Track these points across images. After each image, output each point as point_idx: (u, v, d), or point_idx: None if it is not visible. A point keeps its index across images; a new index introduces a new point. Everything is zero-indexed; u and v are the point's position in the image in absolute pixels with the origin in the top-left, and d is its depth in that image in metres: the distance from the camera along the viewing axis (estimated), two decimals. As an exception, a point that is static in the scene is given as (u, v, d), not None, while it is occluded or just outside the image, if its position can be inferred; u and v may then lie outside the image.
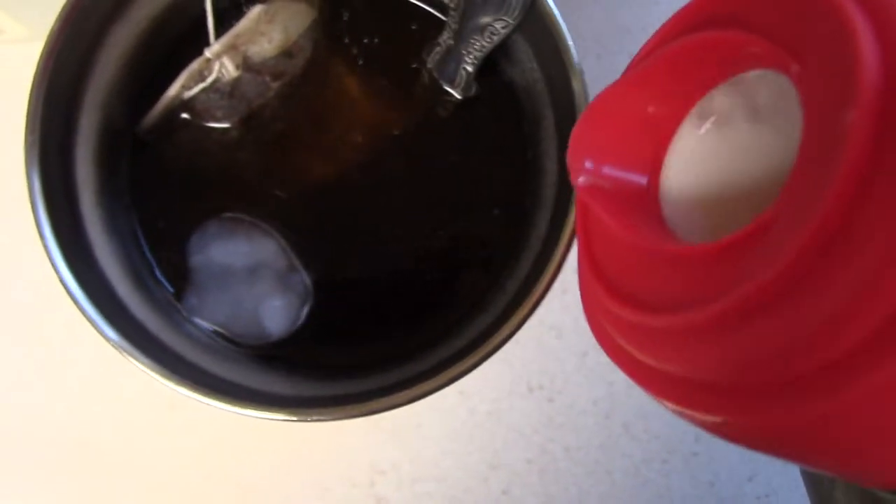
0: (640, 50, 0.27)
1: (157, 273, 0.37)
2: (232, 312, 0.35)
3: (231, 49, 0.35)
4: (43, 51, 0.30)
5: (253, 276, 0.35)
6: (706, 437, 0.47)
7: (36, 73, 0.30)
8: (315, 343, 0.36)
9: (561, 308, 0.48)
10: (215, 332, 0.36)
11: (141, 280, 0.35)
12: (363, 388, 0.33)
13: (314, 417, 0.31)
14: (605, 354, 0.47)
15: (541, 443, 0.47)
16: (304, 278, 0.36)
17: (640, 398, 0.47)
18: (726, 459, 0.47)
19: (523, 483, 0.47)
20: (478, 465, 0.47)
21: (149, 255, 0.37)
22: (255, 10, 0.35)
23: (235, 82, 0.36)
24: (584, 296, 0.26)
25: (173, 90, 0.35)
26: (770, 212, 0.18)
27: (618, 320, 0.23)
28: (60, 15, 0.30)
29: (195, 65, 0.35)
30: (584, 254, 0.26)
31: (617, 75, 0.49)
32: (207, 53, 0.35)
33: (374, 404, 0.31)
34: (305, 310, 0.36)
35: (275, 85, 0.37)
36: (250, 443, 0.47)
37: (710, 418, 0.19)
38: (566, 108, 0.33)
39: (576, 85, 0.32)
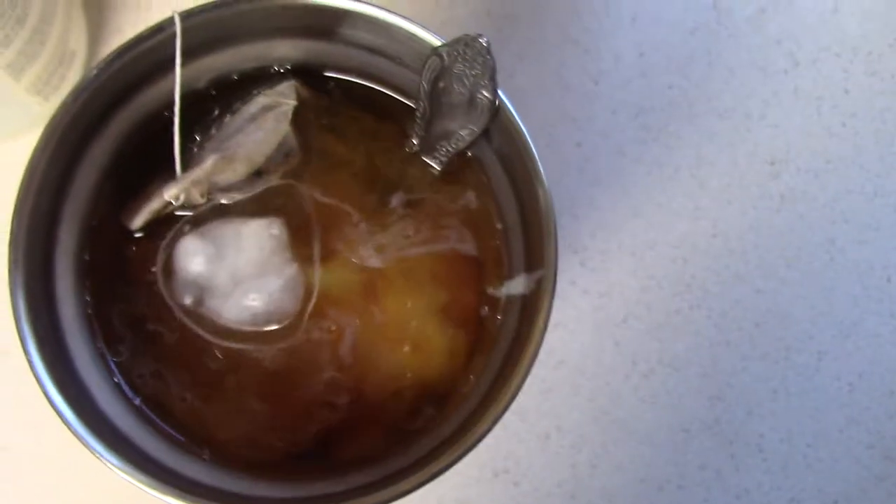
0: None
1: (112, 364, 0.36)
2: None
3: (194, 184, 0.36)
4: (27, 168, 0.31)
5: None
6: (669, 514, 0.48)
7: (20, 191, 0.31)
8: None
9: (523, 390, 0.49)
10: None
11: (117, 386, 0.35)
12: (339, 488, 0.34)
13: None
14: (567, 436, 0.48)
15: (508, 528, 0.48)
16: None
17: (603, 478, 0.48)
18: (690, 536, 0.48)
19: (492, 569, 0.48)
20: (447, 553, 0.47)
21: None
22: (209, 162, 0.36)
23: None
24: None
25: (138, 223, 0.36)
26: None
27: None
28: (44, 133, 0.31)
29: (155, 204, 0.36)
30: None
31: (565, 162, 0.51)
32: (166, 196, 0.36)
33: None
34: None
35: (245, 196, 0.38)
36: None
37: None
38: (532, 213, 0.35)
39: (541, 192, 0.34)
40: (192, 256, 0.37)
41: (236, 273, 0.37)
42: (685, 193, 0.52)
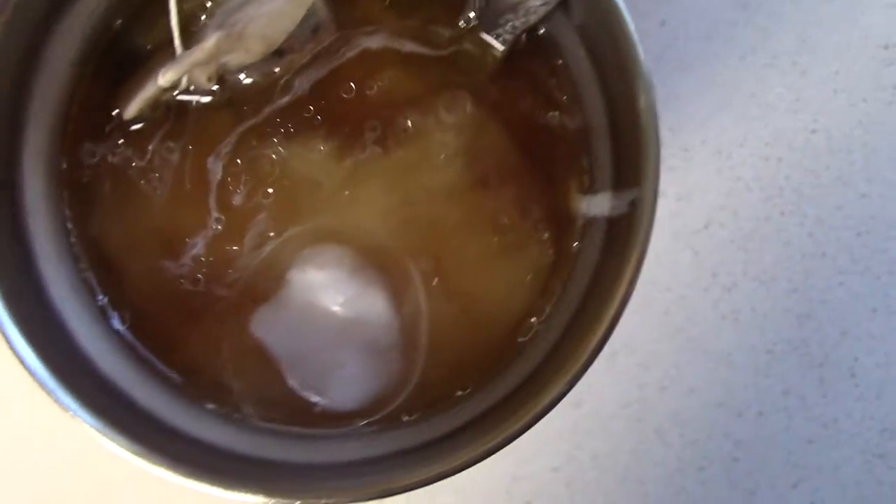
0: None
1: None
2: None
3: (195, 66, 0.30)
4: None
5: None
6: (746, 441, 0.44)
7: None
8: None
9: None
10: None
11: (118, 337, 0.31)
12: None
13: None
14: (635, 354, 0.43)
15: (567, 450, 0.44)
16: None
17: (673, 401, 0.44)
18: (769, 466, 0.44)
19: (549, 494, 0.44)
20: (501, 475, 0.44)
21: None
22: (211, 42, 0.29)
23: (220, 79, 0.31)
24: None
25: (130, 111, 0.31)
26: None
27: None
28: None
29: (149, 91, 0.30)
30: None
31: (646, 43, 0.44)
32: (161, 81, 0.30)
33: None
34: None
35: (268, 79, 0.32)
36: None
37: None
38: (625, 114, 0.28)
39: (640, 86, 0.27)
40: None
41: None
42: (783, 83, 0.45)
